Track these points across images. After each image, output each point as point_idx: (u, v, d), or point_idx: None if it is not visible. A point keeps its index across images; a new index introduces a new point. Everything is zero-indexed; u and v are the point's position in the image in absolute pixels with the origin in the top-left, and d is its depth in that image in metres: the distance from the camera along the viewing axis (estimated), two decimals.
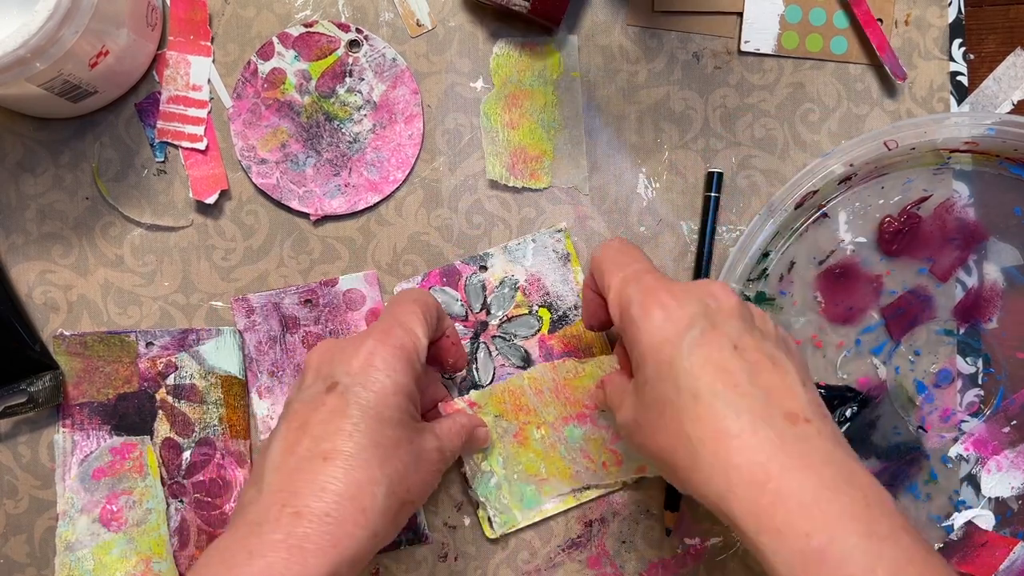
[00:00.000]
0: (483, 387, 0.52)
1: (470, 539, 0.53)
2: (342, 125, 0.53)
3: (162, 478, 0.51)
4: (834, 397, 0.53)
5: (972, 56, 0.55)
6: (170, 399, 0.52)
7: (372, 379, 0.41)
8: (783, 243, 0.53)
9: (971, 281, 0.53)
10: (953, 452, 0.53)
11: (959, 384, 0.54)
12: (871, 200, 0.53)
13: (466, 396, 0.52)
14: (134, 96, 0.52)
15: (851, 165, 0.51)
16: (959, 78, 0.55)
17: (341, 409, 0.40)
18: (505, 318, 0.53)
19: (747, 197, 0.54)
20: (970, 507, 0.53)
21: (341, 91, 0.53)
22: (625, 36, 0.54)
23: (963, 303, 0.53)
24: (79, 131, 0.52)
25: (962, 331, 0.53)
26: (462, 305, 0.53)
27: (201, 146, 0.52)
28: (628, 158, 0.54)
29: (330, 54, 0.53)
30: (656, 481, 0.53)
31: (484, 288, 0.53)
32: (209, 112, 0.52)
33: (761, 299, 0.53)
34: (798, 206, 0.51)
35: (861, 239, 0.53)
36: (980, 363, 0.53)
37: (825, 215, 0.53)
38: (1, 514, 0.51)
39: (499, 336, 0.53)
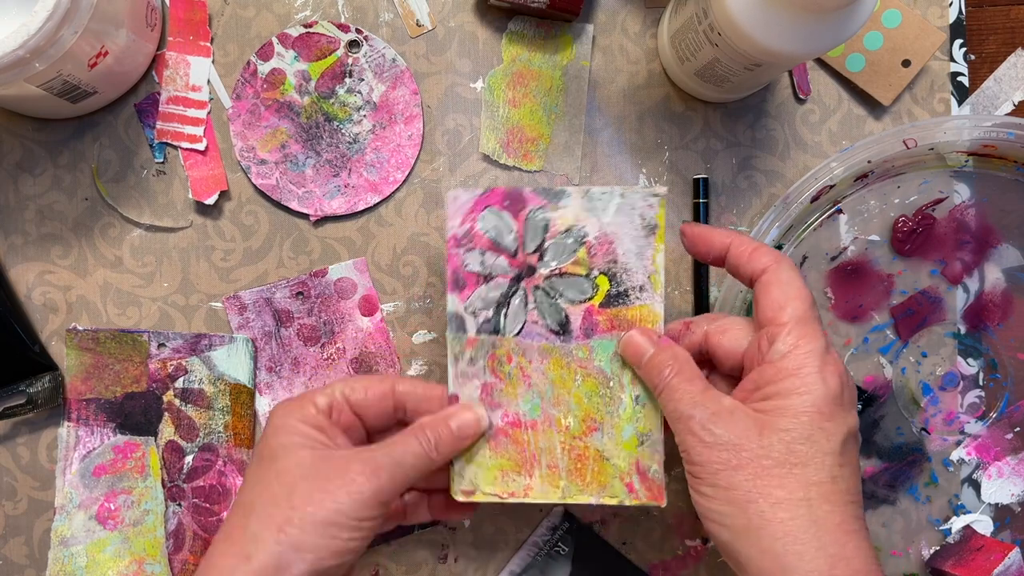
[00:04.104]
0: (505, 335, 0.46)
1: (470, 540, 0.53)
2: (342, 126, 0.53)
3: (162, 480, 0.51)
4: None
5: (973, 56, 0.55)
6: (177, 402, 0.52)
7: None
8: (796, 237, 0.53)
9: (982, 285, 0.53)
10: (955, 456, 0.53)
11: (962, 386, 0.53)
12: (887, 199, 0.53)
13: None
14: (133, 96, 0.52)
15: (869, 162, 0.50)
16: (960, 79, 0.54)
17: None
18: (557, 271, 0.45)
19: (748, 197, 0.54)
20: (969, 511, 0.53)
21: (341, 91, 0.53)
22: (626, 36, 0.54)
23: (973, 307, 0.53)
24: (78, 132, 0.52)
25: (969, 334, 0.53)
26: (515, 239, 0.45)
27: (200, 147, 0.52)
28: (628, 158, 0.54)
29: (330, 54, 0.53)
30: None
31: (547, 229, 0.45)
32: (208, 113, 0.52)
33: None
34: (814, 199, 0.51)
35: (875, 237, 0.53)
36: (981, 364, 0.53)
37: (840, 211, 0.53)
38: (0, 515, 0.51)
39: (543, 289, 0.45)
